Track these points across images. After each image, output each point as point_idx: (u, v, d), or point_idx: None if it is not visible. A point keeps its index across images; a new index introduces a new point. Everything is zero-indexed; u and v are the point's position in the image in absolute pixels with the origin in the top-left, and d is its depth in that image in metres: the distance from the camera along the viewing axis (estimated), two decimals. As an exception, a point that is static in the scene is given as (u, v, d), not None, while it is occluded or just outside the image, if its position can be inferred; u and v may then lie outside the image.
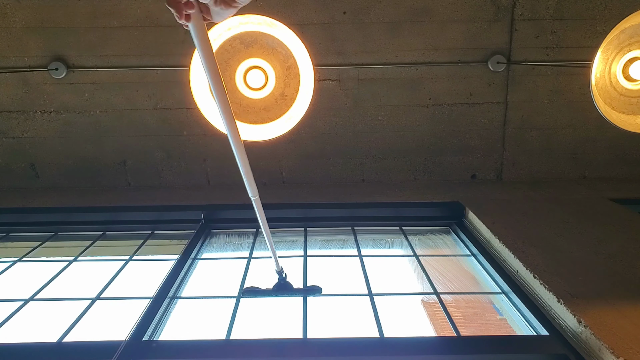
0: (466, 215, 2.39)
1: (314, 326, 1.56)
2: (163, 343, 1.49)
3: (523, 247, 1.87)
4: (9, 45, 2.60)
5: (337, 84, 2.75)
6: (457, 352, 1.38)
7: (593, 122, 2.83)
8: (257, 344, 1.44)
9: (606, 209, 2.35)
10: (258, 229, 2.41)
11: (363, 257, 2.09)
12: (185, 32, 2.60)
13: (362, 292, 1.78)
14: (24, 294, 1.77)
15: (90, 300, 1.73)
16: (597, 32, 2.67)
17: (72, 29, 2.59)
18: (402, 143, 2.88)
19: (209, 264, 2.14)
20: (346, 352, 1.38)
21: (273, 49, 2.61)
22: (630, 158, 2.92)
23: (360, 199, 2.61)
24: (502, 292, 1.79)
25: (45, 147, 2.81)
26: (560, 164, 2.94)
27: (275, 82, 2.59)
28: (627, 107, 2.00)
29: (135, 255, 2.15)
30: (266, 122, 2.59)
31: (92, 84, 2.69)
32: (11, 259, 2.11)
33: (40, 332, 1.58)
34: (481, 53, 2.72)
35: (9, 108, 2.72)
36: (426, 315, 3.89)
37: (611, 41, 1.92)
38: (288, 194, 2.74)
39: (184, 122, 2.78)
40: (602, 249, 1.86)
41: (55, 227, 2.42)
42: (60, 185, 2.89)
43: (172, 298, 1.75)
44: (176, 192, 2.78)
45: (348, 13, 2.62)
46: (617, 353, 1.20)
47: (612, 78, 2.00)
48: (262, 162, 2.89)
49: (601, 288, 1.55)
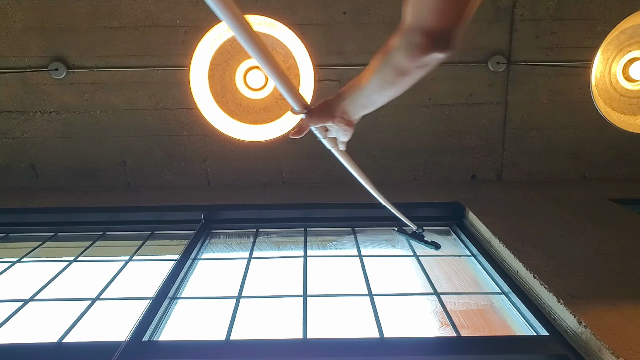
0: (466, 216, 2.39)
1: (314, 326, 1.56)
2: (163, 343, 1.49)
3: (523, 248, 1.87)
4: (9, 45, 2.60)
5: (337, 84, 2.75)
6: (457, 352, 1.38)
7: (593, 122, 2.83)
8: (257, 344, 1.44)
9: (606, 209, 2.35)
10: (258, 229, 2.41)
11: (363, 257, 2.10)
12: (185, 32, 2.60)
13: (362, 293, 1.78)
14: (24, 294, 1.77)
15: (90, 300, 1.73)
16: (597, 32, 2.67)
17: (72, 29, 2.59)
18: (402, 143, 2.88)
19: (209, 265, 2.14)
20: (346, 352, 1.38)
21: (273, 49, 2.61)
22: (630, 158, 2.92)
23: (360, 199, 2.61)
24: (502, 293, 1.79)
25: (45, 147, 2.81)
26: (560, 164, 2.94)
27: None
28: (627, 107, 2.00)
29: (135, 255, 2.15)
30: (266, 123, 2.58)
31: (92, 84, 2.69)
32: (11, 259, 2.11)
33: (40, 332, 1.58)
34: (481, 53, 2.72)
35: (9, 108, 2.72)
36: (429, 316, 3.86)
37: (611, 41, 1.92)
38: (288, 194, 2.74)
39: (184, 122, 2.78)
40: (602, 249, 1.86)
41: (55, 227, 2.42)
42: (60, 186, 2.89)
43: (172, 298, 1.75)
44: (176, 193, 2.78)
45: (348, 13, 2.62)
46: (617, 353, 1.20)
47: (612, 78, 2.00)
48: (262, 162, 2.89)
49: (601, 288, 1.55)
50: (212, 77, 2.60)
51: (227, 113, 2.49)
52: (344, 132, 1.02)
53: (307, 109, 0.97)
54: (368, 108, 0.94)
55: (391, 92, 0.85)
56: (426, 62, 0.72)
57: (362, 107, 0.94)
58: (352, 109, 0.95)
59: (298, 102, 0.96)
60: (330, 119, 0.96)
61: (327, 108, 0.96)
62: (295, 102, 0.95)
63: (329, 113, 0.96)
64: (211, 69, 2.35)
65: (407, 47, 0.70)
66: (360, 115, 0.98)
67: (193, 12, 2.57)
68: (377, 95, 0.87)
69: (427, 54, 0.69)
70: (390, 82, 0.82)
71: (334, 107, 0.96)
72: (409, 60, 0.72)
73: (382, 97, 0.88)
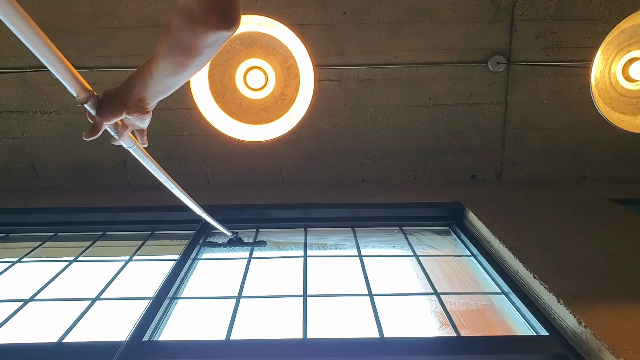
0: (466, 216, 2.39)
1: (314, 326, 1.56)
2: (163, 343, 1.49)
3: (523, 248, 1.87)
4: (9, 45, 2.60)
5: (337, 84, 2.75)
6: (457, 352, 1.38)
7: (593, 122, 2.83)
8: (257, 345, 1.43)
9: (606, 209, 2.35)
10: (258, 229, 2.41)
11: (363, 257, 2.10)
12: (185, 32, 2.60)
13: (362, 293, 1.78)
14: (24, 294, 1.77)
15: (90, 300, 1.73)
16: (597, 32, 2.67)
17: (72, 29, 2.59)
18: (402, 143, 2.88)
19: (208, 265, 2.14)
20: (346, 352, 1.38)
21: (273, 49, 2.61)
22: (630, 158, 2.93)
23: (361, 199, 2.61)
24: (502, 293, 1.79)
25: (45, 147, 2.81)
26: (560, 164, 2.94)
27: (275, 83, 2.59)
28: (627, 107, 2.00)
29: (135, 255, 2.15)
30: (266, 123, 2.58)
31: (92, 84, 2.67)
32: (11, 259, 2.11)
33: (40, 332, 1.58)
34: (481, 53, 2.72)
35: (9, 108, 2.73)
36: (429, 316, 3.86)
37: (611, 41, 1.92)
38: (288, 194, 2.74)
39: (184, 122, 2.78)
40: (602, 249, 1.86)
41: (55, 227, 2.41)
42: (60, 186, 2.89)
43: (172, 298, 1.75)
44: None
45: (348, 13, 2.62)
46: (617, 353, 1.20)
47: (612, 78, 2.00)
48: (262, 162, 2.89)
49: (601, 288, 1.55)
50: (212, 77, 2.60)
51: (227, 113, 2.49)
52: (142, 121, 0.95)
53: (91, 96, 0.87)
54: (165, 93, 0.88)
55: (185, 74, 0.80)
56: (213, 40, 0.68)
57: (158, 94, 0.88)
58: (148, 96, 0.88)
59: (78, 87, 0.82)
60: (123, 110, 0.88)
61: (117, 99, 0.88)
62: (73, 87, 0.82)
63: (121, 105, 0.87)
64: (211, 69, 2.35)
65: (189, 25, 0.66)
66: (157, 101, 0.91)
67: (193, 12, 2.57)
68: (170, 80, 0.82)
69: (210, 30, 0.65)
70: (181, 65, 0.76)
71: (125, 97, 0.88)
72: (194, 39, 0.68)
73: (177, 81, 0.83)
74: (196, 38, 0.68)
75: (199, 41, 0.68)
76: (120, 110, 0.88)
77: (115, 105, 0.88)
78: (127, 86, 0.88)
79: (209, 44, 0.69)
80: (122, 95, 0.88)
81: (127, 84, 0.88)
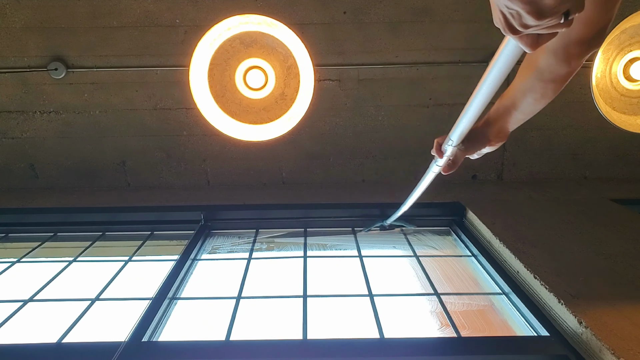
0: (466, 216, 2.39)
1: (314, 327, 1.56)
2: (163, 344, 1.49)
3: (523, 248, 1.87)
4: (8, 45, 2.60)
5: (337, 84, 2.75)
6: (457, 352, 1.38)
7: (594, 122, 2.82)
8: (257, 345, 1.43)
9: (607, 209, 2.35)
10: (258, 229, 2.41)
11: (363, 257, 2.09)
12: (185, 32, 2.60)
13: (362, 293, 1.77)
14: (24, 294, 1.77)
15: (90, 300, 1.73)
16: (598, 32, 2.67)
17: (71, 29, 2.58)
18: (403, 143, 2.87)
19: (208, 265, 2.13)
20: (346, 353, 1.38)
21: (273, 49, 2.61)
22: (630, 158, 2.92)
23: (361, 199, 2.60)
24: (502, 293, 1.78)
25: (44, 147, 2.81)
26: (560, 164, 2.93)
27: (275, 82, 2.59)
28: (628, 107, 1.99)
29: (134, 255, 2.15)
30: (266, 122, 2.58)
31: (92, 84, 2.69)
32: (11, 259, 2.11)
33: (40, 332, 1.58)
34: (482, 53, 2.72)
35: (9, 108, 2.72)
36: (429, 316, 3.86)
37: (612, 41, 1.92)
38: (288, 194, 2.73)
39: (184, 122, 2.78)
40: (602, 249, 1.85)
41: (55, 227, 2.41)
42: (59, 186, 2.88)
43: (172, 299, 1.75)
44: (176, 193, 2.78)
45: (348, 13, 2.61)
46: (617, 354, 1.20)
47: (612, 78, 2.00)
48: (262, 162, 2.89)
49: (602, 289, 1.54)
50: (212, 76, 2.60)
51: (226, 113, 2.49)
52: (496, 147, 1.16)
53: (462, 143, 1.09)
54: (524, 120, 1.06)
55: (545, 102, 0.97)
56: (579, 64, 0.84)
57: (520, 122, 1.07)
58: (511, 126, 1.07)
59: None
60: (485, 145, 1.11)
61: (481, 137, 1.10)
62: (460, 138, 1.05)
63: (484, 141, 1.10)
64: (211, 69, 2.35)
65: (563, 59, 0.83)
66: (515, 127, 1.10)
67: (193, 12, 2.57)
68: (532, 107, 1.00)
69: (584, 56, 0.82)
70: (542, 95, 0.94)
71: (487, 133, 1.09)
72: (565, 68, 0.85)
73: (537, 108, 1.00)
74: (572, 70, 0.85)
75: (570, 69, 0.85)
76: (483, 145, 1.12)
77: (479, 142, 1.11)
78: (487, 125, 1.10)
79: (577, 67, 0.85)
80: (484, 132, 1.10)
81: (486, 122, 1.10)
